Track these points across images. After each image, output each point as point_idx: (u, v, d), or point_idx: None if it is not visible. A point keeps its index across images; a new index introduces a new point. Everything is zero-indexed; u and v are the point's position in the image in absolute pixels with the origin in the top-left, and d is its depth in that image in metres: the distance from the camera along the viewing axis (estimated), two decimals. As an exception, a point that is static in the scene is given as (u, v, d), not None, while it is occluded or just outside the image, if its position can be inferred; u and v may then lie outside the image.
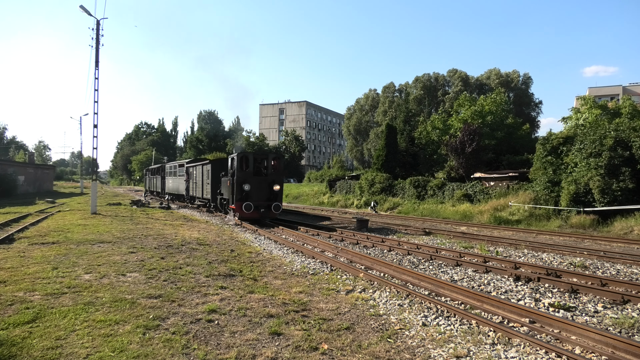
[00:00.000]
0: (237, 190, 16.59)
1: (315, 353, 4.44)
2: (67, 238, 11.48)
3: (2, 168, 35.77)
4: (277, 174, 17.65)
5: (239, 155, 17.08)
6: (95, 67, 20.27)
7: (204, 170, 22.98)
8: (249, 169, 16.89)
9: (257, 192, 16.78)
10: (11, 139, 67.87)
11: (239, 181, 16.52)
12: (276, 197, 17.12)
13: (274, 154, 18.66)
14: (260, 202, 16.86)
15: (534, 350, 4.59)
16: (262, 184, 16.91)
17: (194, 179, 25.50)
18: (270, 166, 17.63)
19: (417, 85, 65.58)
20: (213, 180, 20.90)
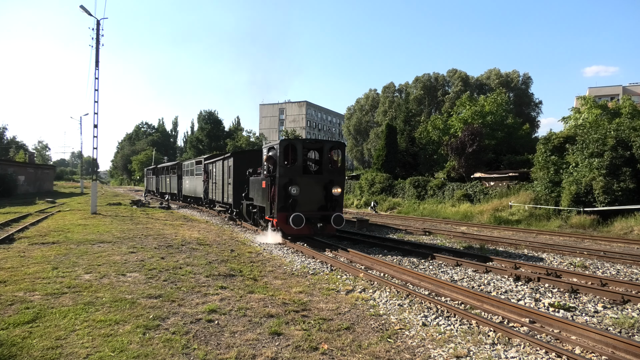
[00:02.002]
0: (280, 195, 11.52)
1: (315, 353, 4.44)
2: (67, 238, 11.48)
3: (2, 168, 35.77)
4: (337, 171, 12.44)
5: (282, 144, 11.82)
6: (96, 67, 20.28)
7: (224, 167, 18.57)
8: (297, 164, 11.82)
9: (308, 197, 11.78)
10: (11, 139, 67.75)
11: (282, 182, 11.50)
12: (335, 205, 12.06)
13: (331, 142, 12.94)
14: (313, 213, 11.76)
15: (534, 350, 4.59)
16: (315, 185, 11.95)
17: (213, 178, 21.31)
18: (327, 160, 12.27)
19: (417, 85, 65.57)
20: (236, 180, 16.54)
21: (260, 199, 13.20)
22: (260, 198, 13.17)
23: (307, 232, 11.67)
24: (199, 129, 76.67)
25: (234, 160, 16.94)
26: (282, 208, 11.54)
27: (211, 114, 75.92)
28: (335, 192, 11.91)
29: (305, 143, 12.49)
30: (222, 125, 76.57)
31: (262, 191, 12.68)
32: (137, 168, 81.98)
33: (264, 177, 12.48)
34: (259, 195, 13.30)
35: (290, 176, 11.63)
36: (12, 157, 56.63)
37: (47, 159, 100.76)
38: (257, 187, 13.47)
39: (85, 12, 20.15)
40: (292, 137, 30.21)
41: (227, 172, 18.07)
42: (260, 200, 13.10)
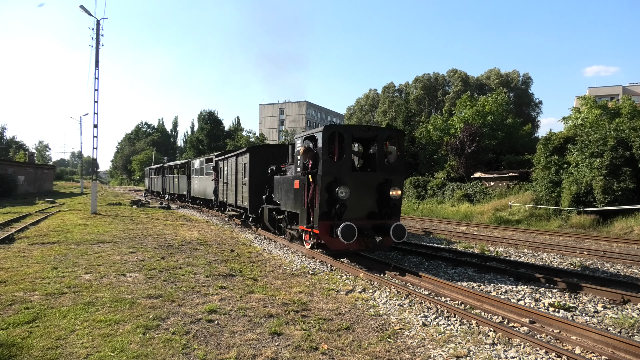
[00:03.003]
0: (322, 199, 8.72)
1: (315, 353, 4.44)
2: (67, 238, 11.48)
3: (2, 168, 35.77)
4: (395, 168, 9.41)
5: (327, 131, 8.91)
6: (95, 67, 20.28)
7: (238, 164, 15.92)
8: (346, 158, 8.96)
9: (359, 201, 8.96)
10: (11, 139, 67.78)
11: (325, 181, 8.69)
12: (392, 212, 9.24)
13: (387, 130, 10.04)
14: (364, 221, 8.91)
15: (534, 350, 4.59)
16: (367, 186, 9.12)
17: (224, 178, 18.70)
18: (382, 153, 9.31)
19: (417, 85, 65.62)
20: (254, 180, 14.03)
21: (290, 203, 10.35)
22: (290, 202, 10.33)
23: (358, 247, 8.79)
24: (199, 129, 76.69)
25: (251, 156, 14.24)
26: (325, 215, 8.70)
27: (211, 114, 75.93)
28: (394, 194, 9.09)
29: (355, 131, 9.39)
30: (222, 125, 76.60)
31: (294, 193, 9.89)
32: (137, 168, 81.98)
33: (297, 176, 9.68)
34: (288, 199, 10.50)
35: (336, 174, 8.70)
36: (12, 157, 56.64)
37: (47, 159, 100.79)
38: (285, 188, 10.78)
39: (85, 12, 20.15)
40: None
41: (242, 171, 15.32)
42: (291, 205, 10.25)
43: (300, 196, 9.52)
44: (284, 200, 11.03)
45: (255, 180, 14.04)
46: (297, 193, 9.75)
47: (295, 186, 9.89)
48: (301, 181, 9.49)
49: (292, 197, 10.21)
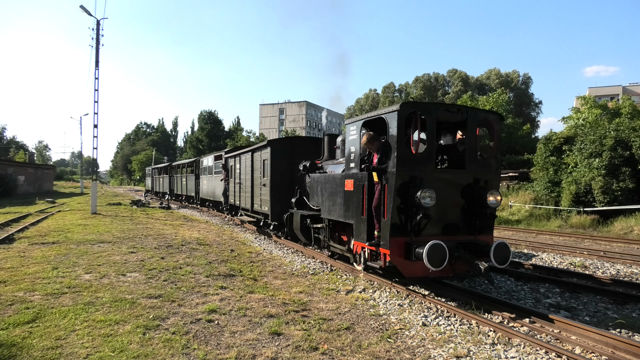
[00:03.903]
0: (395, 206, 6.24)
1: (315, 353, 4.44)
2: (67, 238, 11.48)
3: (2, 168, 35.78)
4: (492, 164, 7.01)
5: (404, 110, 6.40)
6: (96, 67, 20.27)
7: (254, 161, 13.76)
8: (429, 150, 6.59)
9: (444, 210, 6.56)
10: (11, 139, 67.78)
11: (399, 181, 6.22)
12: (484, 224, 6.87)
13: (482, 112, 7.34)
14: (449, 237, 6.44)
15: (534, 350, 4.59)
16: (453, 189, 6.67)
17: (236, 177, 16.49)
18: (474, 143, 6.87)
19: (417, 85, 65.64)
20: (276, 179, 11.92)
21: (337, 210, 7.98)
22: (337, 208, 7.97)
23: (445, 274, 6.37)
24: (199, 129, 76.72)
25: (273, 151, 12.04)
26: (397, 229, 6.22)
27: (211, 114, 75.97)
28: (493, 200, 6.52)
29: (440, 112, 6.62)
30: (222, 125, 76.63)
31: (345, 197, 7.58)
32: (137, 168, 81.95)
33: (350, 174, 7.38)
34: (333, 204, 8.19)
35: (414, 171, 6.22)
36: (12, 157, 56.64)
37: (47, 159, 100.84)
38: (328, 190, 8.44)
39: (85, 12, 20.15)
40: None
41: (259, 169, 13.08)
42: (339, 212, 7.88)
43: (356, 201, 7.10)
44: (326, 205, 8.57)
45: (278, 180, 11.90)
46: (350, 197, 7.36)
47: (346, 187, 7.51)
48: (357, 181, 7.09)
49: (340, 201, 7.82)
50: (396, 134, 6.27)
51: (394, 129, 6.32)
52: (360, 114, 6.77)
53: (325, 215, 8.71)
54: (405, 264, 6.25)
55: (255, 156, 13.82)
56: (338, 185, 7.97)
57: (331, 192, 8.32)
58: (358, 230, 7.15)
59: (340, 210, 7.87)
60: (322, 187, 8.85)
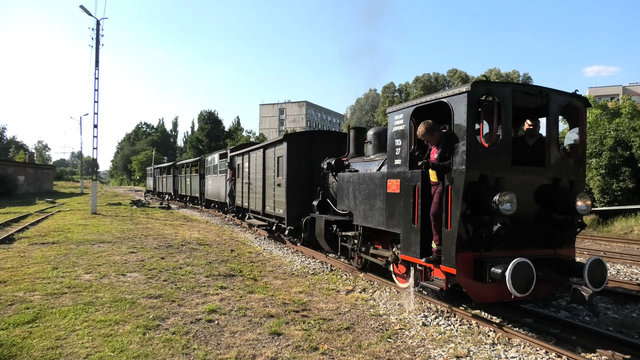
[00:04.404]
0: (461, 213, 4.97)
1: (315, 353, 4.44)
2: (67, 238, 11.48)
3: (2, 168, 35.78)
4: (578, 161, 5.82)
5: (475, 93, 5.05)
6: (95, 67, 20.27)
7: (266, 159, 12.75)
8: (504, 142, 5.17)
9: (523, 217, 5.29)
10: (11, 139, 67.78)
11: (468, 180, 4.96)
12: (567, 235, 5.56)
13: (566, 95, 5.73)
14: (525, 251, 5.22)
15: (534, 350, 4.59)
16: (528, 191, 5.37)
17: (244, 177, 15.36)
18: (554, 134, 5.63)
19: (417, 85, 65.64)
20: (293, 179, 10.83)
21: (376, 216, 6.78)
22: (376, 214, 6.77)
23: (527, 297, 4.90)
24: (199, 129, 76.74)
25: (290, 147, 10.86)
26: (465, 242, 5.05)
27: (211, 114, 75.99)
28: (582, 206, 5.36)
29: (517, 94, 5.31)
30: (222, 125, 76.67)
31: (389, 200, 6.38)
32: (137, 168, 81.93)
33: (395, 172, 6.20)
34: (370, 208, 6.97)
35: (487, 169, 5.08)
36: (12, 157, 56.64)
37: (47, 159, 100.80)
38: (364, 192, 7.20)
39: (85, 12, 20.15)
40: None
41: (273, 167, 11.98)
42: (379, 219, 6.68)
43: (404, 206, 5.92)
44: (360, 210, 7.33)
45: (295, 179, 10.79)
46: (395, 201, 6.17)
47: (389, 189, 6.33)
48: (405, 181, 5.92)
49: (380, 206, 6.60)
50: (465, 122, 4.98)
51: (462, 116, 5.02)
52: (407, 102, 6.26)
53: (360, 221, 7.40)
54: (476, 286, 5.03)
55: (268, 153, 12.64)
56: (377, 186, 6.72)
57: (367, 194, 7.07)
58: (407, 241, 5.86)
59: (380, 216, 6.64)
60: (355, 188, 7.52)
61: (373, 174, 7.06)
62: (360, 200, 7.37)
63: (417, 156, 6.15)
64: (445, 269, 5.18)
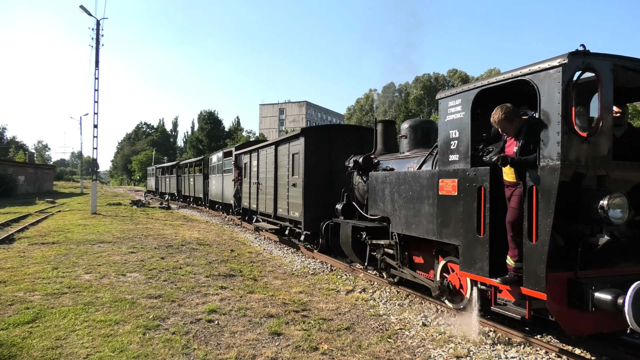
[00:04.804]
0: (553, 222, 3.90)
1: (315, 353, 4.44)
2: (67, 238, 11.48)
3: (2, 168, 35.77)
4: None
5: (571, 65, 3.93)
6: (96, 67, 20.28)
7: (278, 157, 11.86)
8: (604, 130, 4.10)
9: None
10: (11, 139, 67.87)
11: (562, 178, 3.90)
12: None
13: None
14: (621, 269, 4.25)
15: (534, 350, 4.58)
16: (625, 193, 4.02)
17: (252, 177, 14.46)
18: None
19: (417, 85, 65.69)
20: (311, 178, 9.86)
21: (424, 222, 5.72)
22: (425, 220, 5.72)
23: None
24: (199, 129, 76.76)
25: (308, 142, 9.90)
26: (557, 259, 4.08)
27: (211, 114, 76.01)
28: None
29: (618, 69, 4.23)
30: (222, 125, 76.70)
31: (441, 204, 5.38)
32: (137, 168, 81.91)
33: (453, 170, 5.17)
34: (416, 213, 5.89)
35: (584, 164, 4.07)
36: (12, 157, 56.66)
37: (47, 159, 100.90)
38: (404, 194, 6.17)
39: (85, 12, 20.16)
40: None
41: (287, 166, 11.00)
42: (427, 226, 5.67)
43: (464, 211, 4.92)
44: (401, 215, 6.24)
45: (313, 178, 9.83)
46: (451, 205, 5.17)
47: (441, 190, 5.33)
48: (466, 180, 4.92)
49: (429, 211, 5.59)
50: (560, 105, 3.96)
51: (555, 96, 4.00)
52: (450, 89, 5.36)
53: (399, 229, 6.31)
54: (571, 315, 4.06)
55: (280, 150, 11.64)
56: (425, 187, 5.67)
57: (410, 197, 6.00)
58: (469, 255, 4.84)
59: (429, 223, 5.58)
60: (394, 190, 6.42)
61: (419, 173, 5.96)
62: (400, 204, 6.26)
63: (481, 150, 5.17)
64: (530, 293, 4.11)
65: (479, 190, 4.73)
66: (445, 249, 5.78)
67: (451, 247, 5.51)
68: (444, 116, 5.38)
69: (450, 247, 5.51)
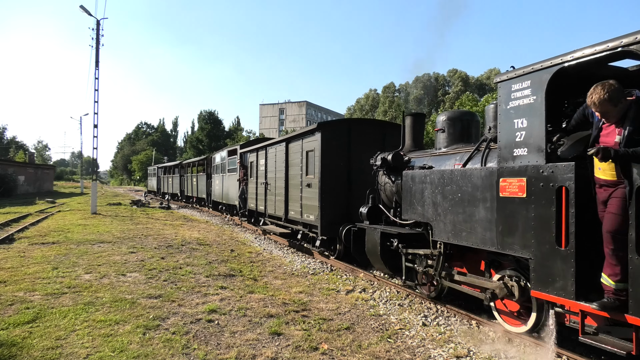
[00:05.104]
0: None
1: (315, 353, 4.44)
2: (67, 238, 11.48)
3: (2, 168, 35.78)
4: None
5: None
6: (96, 67, 20.28)
7: (290, 154, 11.12)
8: None
9: None
10: (11, 139, 67.93)
11: None
12: None
13: None
14: None
15: (534, 350, 4.58)
16: None
17: (259, 176, 13.86)
18: None
19: (417, 85, 65.68)
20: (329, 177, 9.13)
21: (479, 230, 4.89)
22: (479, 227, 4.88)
23: None
24: (199, 129, 76.75)
25: (325, 138, 9.14)
26: None
27: (211, 114, 76.00)
28: None
29: None
30: (222, 125, 76.68)
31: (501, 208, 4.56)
32: (137, 168, 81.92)
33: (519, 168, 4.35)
34: (468, 219, 5.07)
35: None
36: (12, 157, 56.67)
37: (47, 159, 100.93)
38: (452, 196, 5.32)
39: (85, 12, 20.16)
40: None
41: (301, 164, 10.13)
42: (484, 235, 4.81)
43: (537, 217, 4.15)
44: (447, 220, 5.38)
45: (331, 178, 9.10)
46: (516, 209, 4.37)
47: (504, 192, 4.49)
48: (538, 180, 4.15)
49: (485, 216, 4.74)
50: None
51: None
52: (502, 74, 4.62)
53: (445, 236, 5.44)
54: None
55: (292, 147, 10.89)
56: (480, 188, 4.82)
57: (459, 199, 5.14)
58: (545, 271, 4.08)
59: (485, 231, 4.73)
60: (437, 191, 5.56)
61: (471, 171, 5.03)
62: (445, 208, 5.39)
63: (554, 143, 4.23)
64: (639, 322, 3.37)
65: (559, 192, 3.91)
66: (500, 260, 4.98)
67: (508, 259, 4.74)
68: (505, 102, 4.56)
69: (507, 258, 4.73)
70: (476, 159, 5.48)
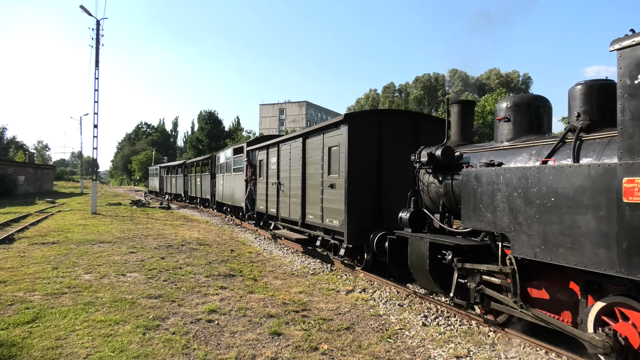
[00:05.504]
0: None
1: (315, 353, 4.44)
2: (67, 238, 11.48)
3: (2, 168, 35.78)
4: None
5: None
6: (96, 67, 20.27)
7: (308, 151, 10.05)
8: None
9: None
10: (11, 139, 67.92)
11: None
12: None
13: None
14: None
15: (534, 350, 4.58)
16: None
17: (271, 176, 12.83)
18: None
19: (417, 85, 65.69)
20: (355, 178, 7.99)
21: (588, 247, 3.66)
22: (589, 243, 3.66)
23: None
24: (199, 129, 76.73)
25: (352, 131, 7.99)
26: None
27: (211, 114, 75.99)
28: None
29: None
30: (222, 125, 76.67)
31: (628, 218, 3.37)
32: (137, 168, 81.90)
33: None
34: (569, 231, 3.83)
35: None
36: (12, 157, 56.66)
37: (47, 159, 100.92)
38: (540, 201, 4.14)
39: (85, 12, 20.16)
40: None
41: (322, 162, 9.08)
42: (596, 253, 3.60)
43: None
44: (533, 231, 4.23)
45: (360, 178, 8.01)
46: None
47: (631, 196, 3.43)
48: None
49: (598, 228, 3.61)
50: None
51: None
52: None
53: (529, 251, 4.28)
54: None
55: (311, 143, 9.78)
56: (587, 190, 3.71)
57: (553, 205, 4.00)
58: None
59: (599, 248, 3.60)
60: (515, 193, 4.42)
61: (572, 169, 3.87)
62: (530, 216, 4.26)
63: None
64: None
65: None
66: (601, 284, 3.96)
67: (615, 282, 3.82)
68: (629, 76, 3.46)
69: (613, 280, 3.80)
70: (562, 154, 4.43)
